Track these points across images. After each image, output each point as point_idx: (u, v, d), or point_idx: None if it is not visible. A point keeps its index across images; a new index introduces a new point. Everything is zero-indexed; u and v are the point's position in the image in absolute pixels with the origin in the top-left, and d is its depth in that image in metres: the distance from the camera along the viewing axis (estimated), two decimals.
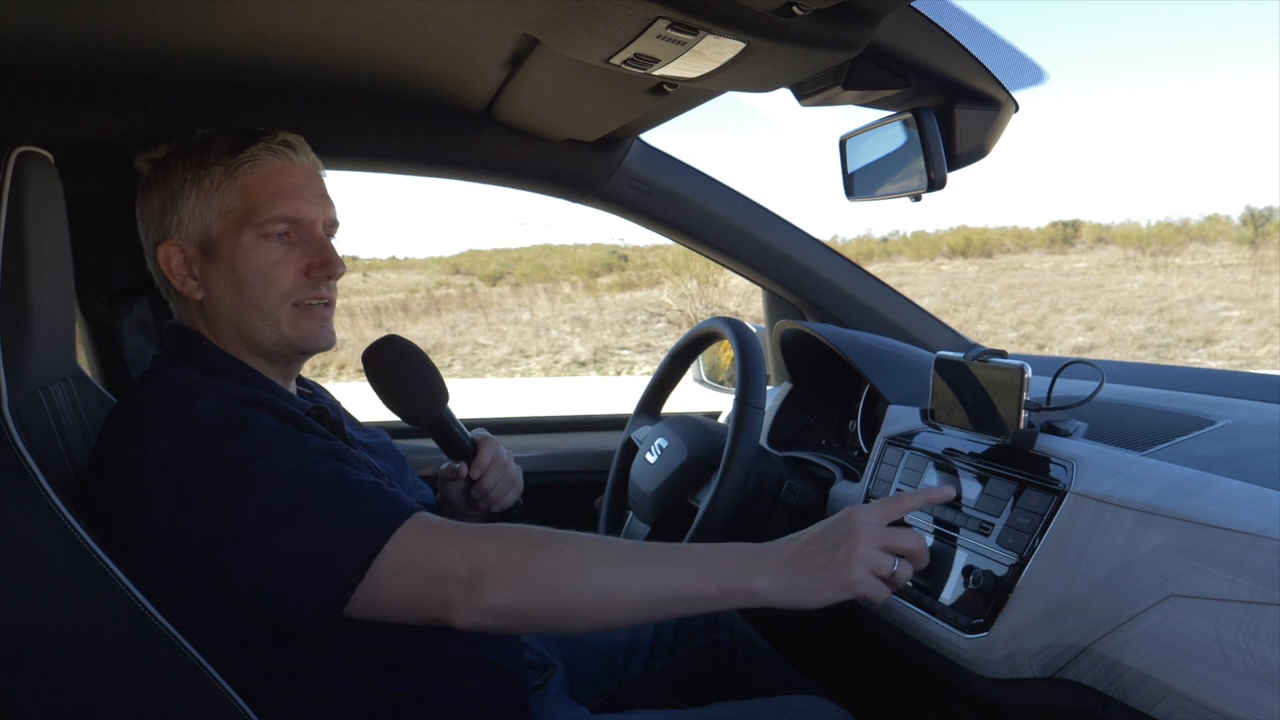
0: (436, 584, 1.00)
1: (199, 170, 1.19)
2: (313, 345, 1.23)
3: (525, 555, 1.02)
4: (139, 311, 1.85)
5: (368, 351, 1.31)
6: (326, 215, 1.23)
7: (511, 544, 1.03)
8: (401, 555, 1.00)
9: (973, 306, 15.97)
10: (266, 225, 1.17)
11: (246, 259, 1.18)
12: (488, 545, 1.02)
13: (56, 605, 1.00)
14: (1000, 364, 1.27)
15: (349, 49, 1.44)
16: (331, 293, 1.24)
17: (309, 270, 1.20)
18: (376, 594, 1.00)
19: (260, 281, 1.18)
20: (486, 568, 1.00)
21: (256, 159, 1.18)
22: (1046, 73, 1.28)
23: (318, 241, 1.21)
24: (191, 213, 1.19)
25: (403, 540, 1.01)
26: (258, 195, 1.18)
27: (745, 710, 1.37)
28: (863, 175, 1.57)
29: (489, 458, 1.35)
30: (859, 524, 1.05)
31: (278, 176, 1.19)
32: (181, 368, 1.17)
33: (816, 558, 1.03)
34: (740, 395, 1.50)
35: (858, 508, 1.08)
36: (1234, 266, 17.07)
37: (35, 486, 0.99)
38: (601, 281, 20.91)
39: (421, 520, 1.03)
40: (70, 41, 1.35)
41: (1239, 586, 0.94)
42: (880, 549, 1.04)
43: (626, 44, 1.05)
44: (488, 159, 1.87)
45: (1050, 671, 1.13)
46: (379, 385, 1.30)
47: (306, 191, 1.21)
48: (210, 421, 1.05)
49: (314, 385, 1.42)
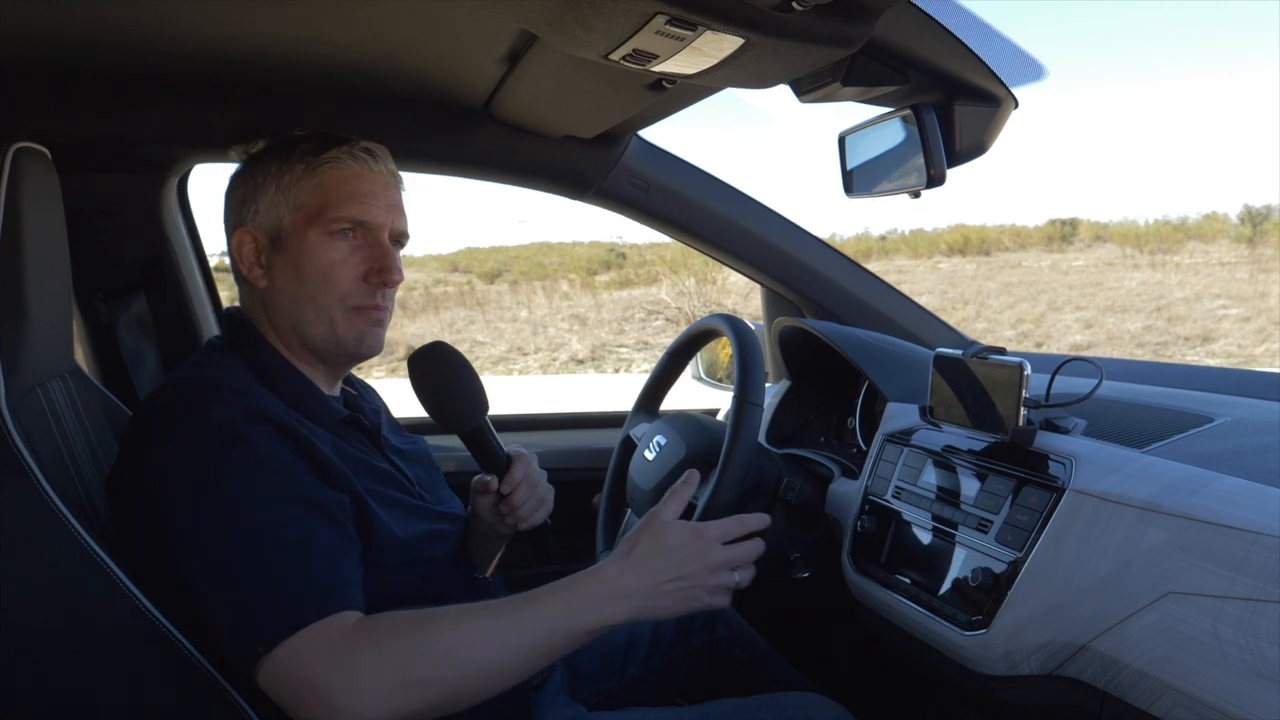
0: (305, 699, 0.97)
1: (282, 166, 1.23)
2: (361, 348, 1.25)
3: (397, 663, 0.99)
4: (136, 308, 1.85)
5: (414, 356, 1.32)
6: (395, 225, 1.26)
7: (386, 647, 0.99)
8: (292, 654, 0.98)
9: (970, 305, 15.99)
10: (334, 224, 1.21)
11: (311, 254, 1.21)
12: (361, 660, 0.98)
13: (53, 601, 1.00)
14: (999, 361, 1.27)
15: (347, 45, 1.44)
16: (387, 301, 1.26)
17: (368, 275, 1.22)
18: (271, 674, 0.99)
19: (320, 278, 1.21)
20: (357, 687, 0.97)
21: (337, 161, 1.23)
22: (1046, 69, 1.28)
23: (381, 248, 1.24)
24: (269, 204, 1.23)
25: (303, 640, 0.98)
26: (331, 195, 1.21)
27: (744, 707, 1.37)
28: (862, 172, 1.56)
29: (520, 474, 1.34)
30: (703, 546, 1.12)
31: (354, 180, 1.23)
32: (229, 356, 1.21)
33: (666, 585, 1.09)
34: (739, 392, 1.49)
35: (696, 526, 1.14)
36: (1232, 265, 17.10)
37: (32, 483, 0.99)
38: (599, 279, 20.92)
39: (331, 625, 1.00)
40: (68, 38, 1.34)
41: (1239, 584, 0.93)
42: (723, 566, 1.12)
43: (625, 40, 1.05)
44: (486, 156, 1.86)
45: (1049, 669, 1.13)
46: (421, 389, 1.31)
47: (379, 199, 1.24)
48: (219, 434, 1.06)
49: (362, 387, 1.44)
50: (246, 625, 1.00)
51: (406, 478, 1.29)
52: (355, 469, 1.17)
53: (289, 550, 1.03)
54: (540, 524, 1.38)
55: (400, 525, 1.19)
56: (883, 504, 1.46)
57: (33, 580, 1.00)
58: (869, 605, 1.47)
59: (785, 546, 1.61)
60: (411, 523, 1.22)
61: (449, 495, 1.40)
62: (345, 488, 1.13)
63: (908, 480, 1.43)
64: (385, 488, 1.22)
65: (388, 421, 1.40)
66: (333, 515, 1.09)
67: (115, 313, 1.83)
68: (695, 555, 1.11)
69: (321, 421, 1.19)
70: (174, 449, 1.06)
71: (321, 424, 1.19)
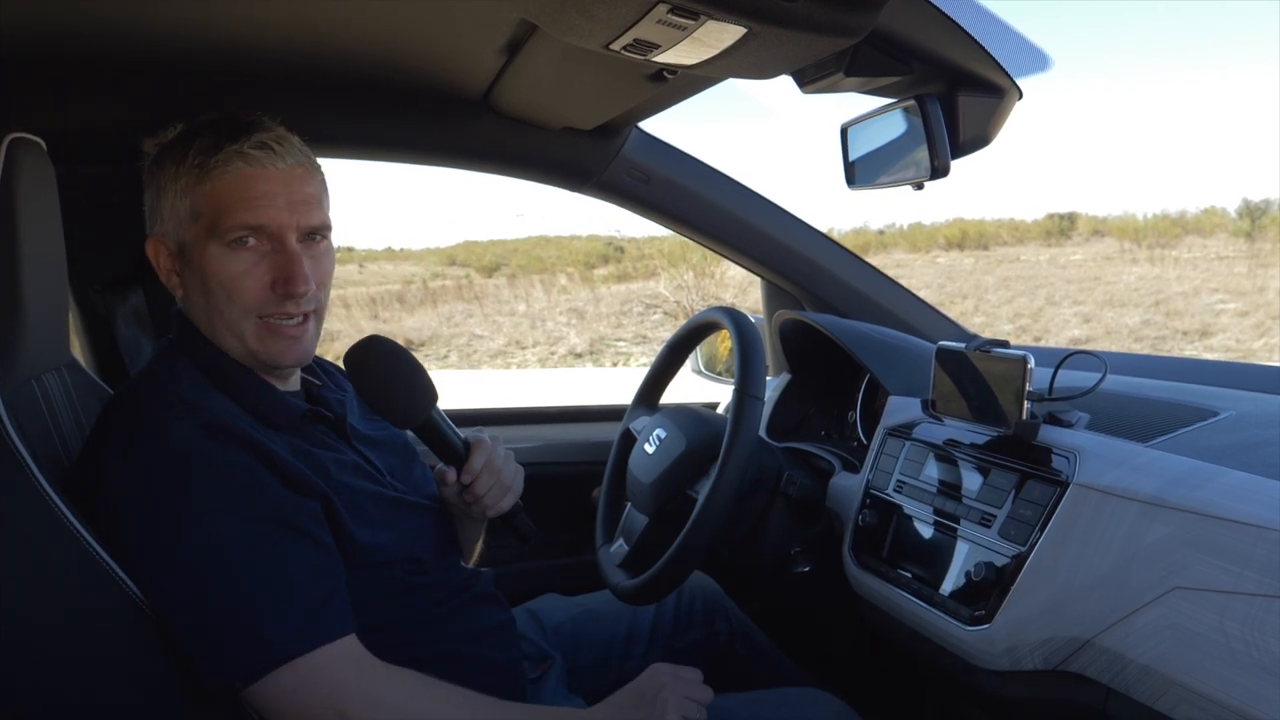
0: None
1: (177, 170, 1.14)
2: (279, 361, 1.18)
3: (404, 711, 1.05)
4: (133, 301, 1.84)
5: (349, 354, 1.26)
6: (303, 221, 1.15)
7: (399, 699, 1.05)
8: (297, 676, 1.01)
9: (969, 299, 15.99)
10: (229, 234, 1.12)
11: (213, 268, 1.13)
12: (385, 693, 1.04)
13: (48, 594, 0.99)
14: (1002, 354, 1.26)
15: (345, 35, 1.43)
16: (303, 307, 1.17)
17: (274, 284, 1.14)
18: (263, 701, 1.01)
19: (224, 293, 1.13)
20: None
21: (227, 164, 1.12)
22: (1051, 59, 1.27)
23: (286, 253, 1.14)
24: (170, 213, 1.15)
25: (306, 664, 1.01)
26: (224, 202, 1.12)
27: (743, 702, 1.36)
28: (864, 163, 1.55)
29: (480, 463, 1.30)
30: (666, 680, 1.19)
31: (247, 183, 1.12)
32: (181, 364, 1.16)
33: (637, 710, 1.17)
34: (739, 385, 1.48)
35: (662, 666, 1.23)
36: (1230, 259, 17.11)
37: (27, 475, 0.98)
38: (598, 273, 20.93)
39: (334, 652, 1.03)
40: (64, 28, 1.33)
41: (1245, 579, 0.93)
42: (684, 697, 1.19)
43: (626, 29, 1.04)
44: (485, 147, 1.85)
45: (1052, 664, 1.13)
46: (361, 388, 1.26)
47: (278, 198, 1.13)
48: (176, 454, 1.04)
49: (329, 373, 1.38)
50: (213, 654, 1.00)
51: (376, 468, 1.26)
52: (321, 467, 1.15)
53: (265, 576, 1.03)
54: (510, 509, 1.35)
55: (370, 522, 1.17)
56: (884, 498, 1.45)
57: (27, 573, 0.99)
58: (870, 600, 1.46)
59: (786, 541, 1.60)
60: (384, 516, 1.20)
61: (425, 478, 1.37)
62: (313, 493, 1.10)
63: (909, 474, 1.42)
64: (355, 479, 1.19)
65: (357, 409, 1.35)
66: (305, 531, 1.08)
67: (112, 305, 1.82)
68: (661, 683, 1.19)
69: (281, 422, 1.16)
70: (131, 472, 1.03)
71: (281, 425, 1.16)
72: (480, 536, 1.46)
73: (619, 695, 1.20)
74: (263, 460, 1.07)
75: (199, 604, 1.01)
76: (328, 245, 1.21)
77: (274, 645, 1.01)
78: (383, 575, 1.16)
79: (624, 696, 1.20)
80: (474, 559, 1.47)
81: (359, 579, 1.11)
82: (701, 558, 1.42)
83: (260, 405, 1.16)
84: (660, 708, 1.16)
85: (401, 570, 1.19)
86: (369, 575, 1.14)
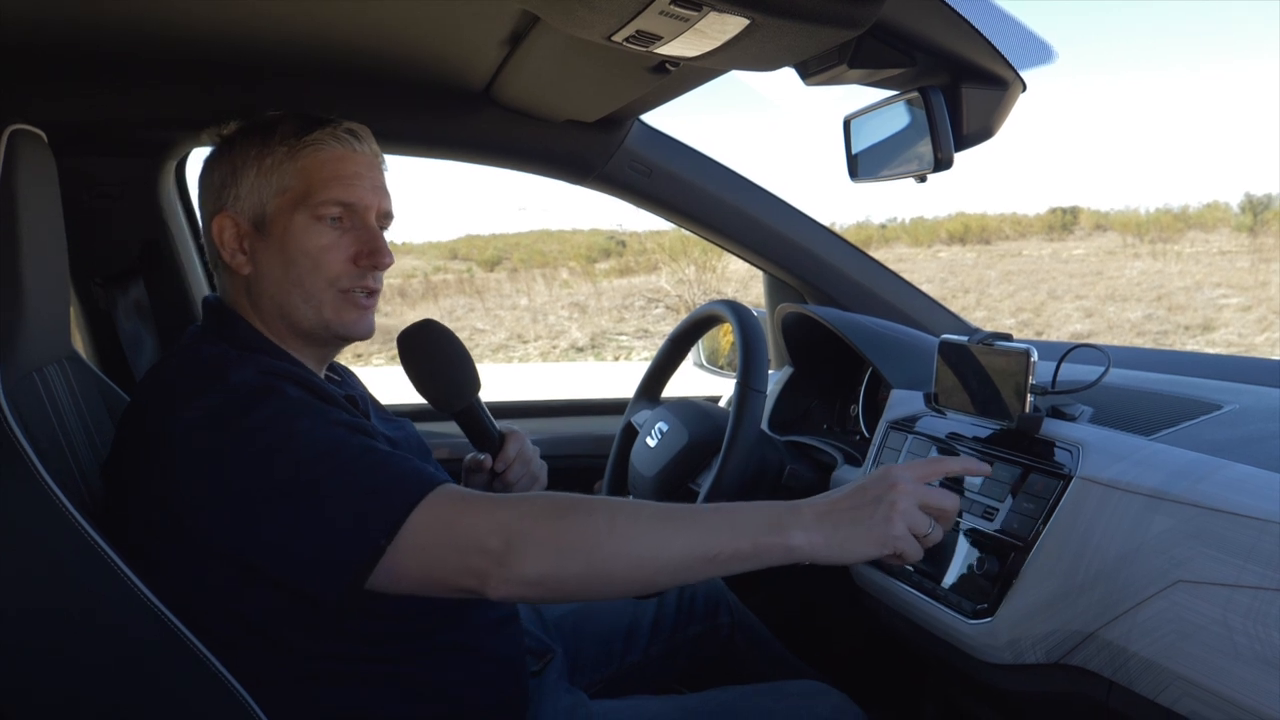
0: (466, 555, 0.99)
1: (262, 149, 1.20)
2: (351, 333, 1.23)
3: (556, 523, 1.00)
4: (134, 294, 1.84)
5: (403, 334, 1.31)
6: (381, 205, 1.24)
7: (542, 513, 1.01)
8: (429, 525, 0.99)
9: (971, 293, 15.97)
10: (321, 208, 1.18)
11: (298, 239, 1.18)
12: (517, 514, 1.00)
13: (49, 589, 0.99)
14: (1005, 348, 1.25)
15: (347, 28, 1.42)
16: (377, 283, 1.24)
17: (357, 258, 1.21)
18: (401, 564, 0.99)
19: (309, 263, 1.19)
20: (517, 538, 0.98)
21: (320, 143, 1.20)
22: (1055, 51, 1.26)
23: (369, 230, 1.22)
24: (250, 188, 1.20)
25: (430, 509, 1.00)
26: (316, 178, 1.19)
27: (744, 695, 1.36)
28: (867, 156, 1.55)
29: (514, 452, 1.35)
30: (899, 480, 1.03)
31: (338, 162, 1.20)
32: (216, 344, 1.17)
33: (855, 512, 1.01)
34: (742, 378, 1.48)
35: (896, 466, 1.07)
36: (1232, 253, 17.08)
37: (29, 468, 0.98)
38: (599, 267, 20.91)
39: (449, 491, 1.03)
40: (66, 20, 1.33)
41: (1248, 572, 0.93)
42: (918, 507, 1.03)
43: (628, 20, 1.03)
44: (486, 140, 1.85)
45: (1055, 657, 1.12)
46: (411, 369, 1.30)
47: (365, 180, 1.22)
48: (245, 390, 1.05)
49: (345, 372, 1.42)
50: (346, 535, 0.99)
51: None
52: None
53: (358, 457, 1.03)
54: None
55: None
56: None
57: (29, 568, 0.99)
58: (872, 593, 1.46)
59: None
60: None
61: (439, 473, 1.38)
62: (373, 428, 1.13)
63: None
64: None
65: (373, 407, 1.38)
66: (379, 439, 1.10)
67: (113, 298, 1.82)
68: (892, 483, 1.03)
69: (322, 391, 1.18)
70: (201, 413, 1.03)
71: None
72: None
73: (839, 490, 1.06)
74: (324, 397, 1.12)
75: (307, 503, 1.00)
76: None
77: (397, 504, 0.99)
78: None
79: (845, 493, 1.05)
80: None
81: None
82: None
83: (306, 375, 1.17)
84: (885, 513, 1.01)
85: None
86: None
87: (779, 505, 1.04)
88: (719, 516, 1.02)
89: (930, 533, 1.03)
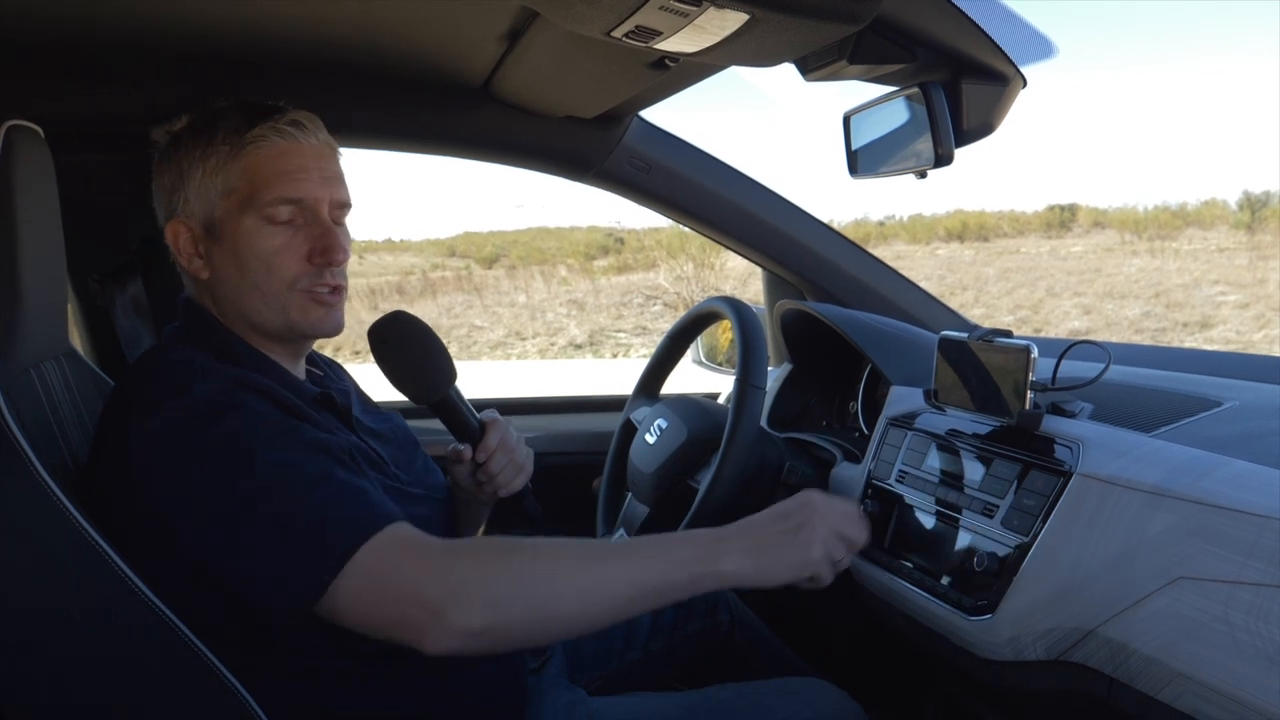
0: (402, 606, 0.97)
1: (205, 149, 1.15)
2: (318, 331, 1.20)
3: (496, 572, 1.00)
4: (132, 290, 1.83)
5: (374, 327, 1.28)
6: (334, 196, 1.18)
7: (481, 561, 1.01)
8: (365, 572, 0.98)
9: (969, 290, 15.98)
10: (268, 208, 1.13)
11: (249, 242, 1.14)
12: (457, 564, 1.00)
13: (47, 585, 0.99)
14: (1005, 344, 1.25)
15: (345, 23, 1.42)
16: (339, 279, 1.19)
17: (311, 255, 1.16)
18: (337, 606, 0.98)
19: (263, 267, 1.15)
20: (457, 589, 0.97)
21: (262, 139, 1.14)
22: (1056, 46, 1.26)
23: (321, 226, 1.17)
24: (197, 192, 1.15)
25: (369, 555, 0.98)
26: (260, 176, 1.13)
27: (744, 692, 1.36)
28: (866, 152, 1.54)
29: (495, 441, 1.32)
30: (818, 509, 1.10)
31: (282, 158, 1.15)
32: (189, 347, 1.15)
33: (778, 538, 1.07)
34: (741, 375, 1.48)
35: (816, 494, 1.13)
36: (1230, 251, 17.10)
37: (25, 464, 0.97)
38: (597, 264, 20.92)
39: (393, 536, 1.01)
40: (63, 16, 1.33)
41: (1249, 569, 0.92)
42: (835, 535, 1.10)
43: (627, 16, 1.03)
44: (485, 136, 1.85)
45: (1055, 654, 1.12)
46: (384, 362, 1.27)
47: (312, 172, 1.16)
48: (207, 403, 1.03)
49: (329, 365, 1.39)
50: (287, 567, 0.98)
51: (381, 458, 1.26)
52: None
53: (315, 486, 1.01)
54: (521, 490, 1.36)
55: None
56: (886, 488, 1.44)
57: (26, 564, 0.98)
58: (872, 590, 1.46)
59: None
60: None
61: (426, 468, 1.37)
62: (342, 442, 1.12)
63: (911, 464, 1.42)
64: (363, 466, 1.19)
65: (359, 401, 1.36)
66: (341, 460, 1.08)
67: (111, 295, 1.82)
68: (812, 512, 1.09)
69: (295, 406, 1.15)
70: (160, 426, 1.02)
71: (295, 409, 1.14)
72: (485, 518, 1.46)
73: (762, 515, 1.11)
74: (291, 411, 1.09)
75: (256, 530, 0.99)
76: (346, 226, 1.23)
77: (336, 548, 0.98)
78: None
79: (768, 519, 1.11)
80: None
81: None
82: None
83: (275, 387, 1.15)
84: (805, 539, 1.07)
85: None
86: None
87: (707, 535, 1.08)
88: (654, 550, 1.06)
89: (842, 559, 1.11)
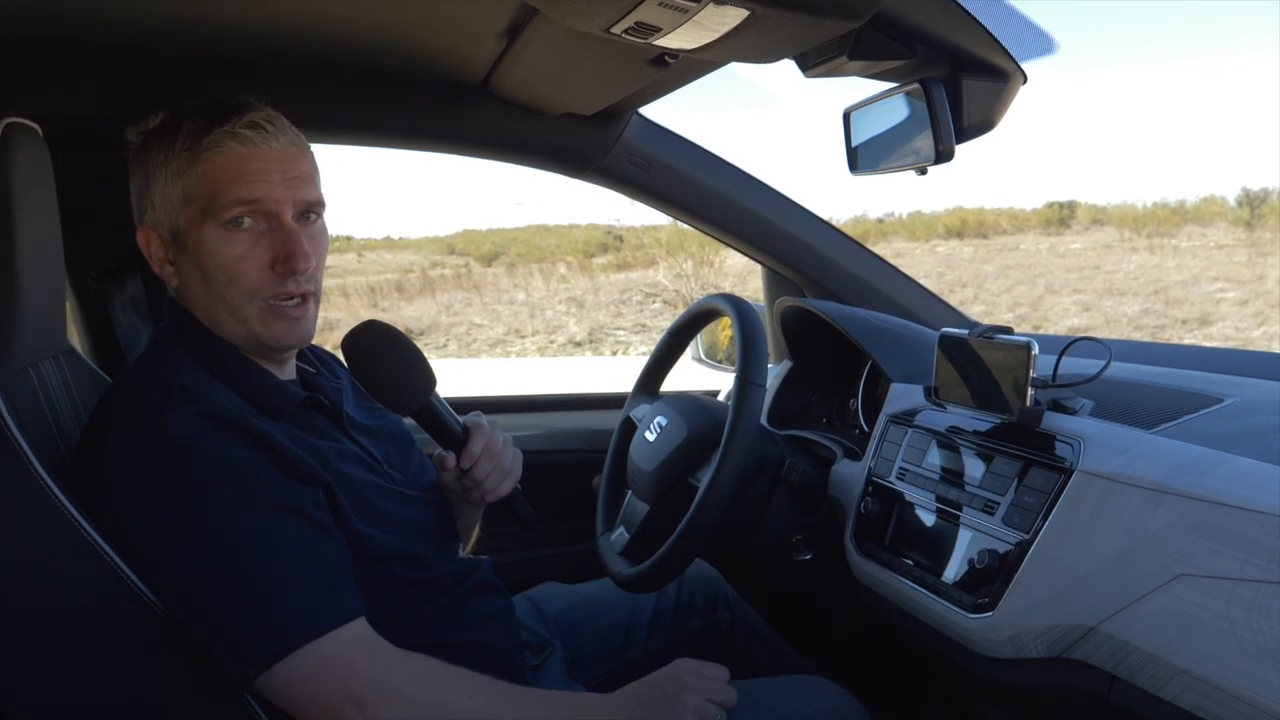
0: (335, 703, 1.01)
1: (166, 154, 1.12)
2: (281, 344, 1.17)
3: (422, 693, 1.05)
4: (131, 289, 1.83)
5: (346, 339, 1.24)
6: (299, 196, 1.13)
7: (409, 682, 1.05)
8: (312, 665, 1.00)
9: (969, 287, 15.98)
10: (225, 212, 1.10)
11: (210, 252, 1.11)
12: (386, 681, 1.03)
13: (46, 582, 0.99)
14: (1006, 341, 1.25)
15: (344, 20, 1.42)
16: (304, 287, 1.15)
17: (274, 264, 1.12)
18: (270, 690, 1.01)
19: (224, 277, 1.12)
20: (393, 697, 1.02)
21: (218, 145, 1.10)
22: (1057, 42, 1.26)
23: (284, 231, 1.12)
24: (161, 199, 1.13)
25: (304, 658, 1.00)
26: (217, 183, 1.10)
27: (744, 690, 1.35)
28: (867, 148, 1.54)
29: (479, 447, 1.29)
30: (689, 681, 1.16)
31: (241, 162, 1.10)
32: (179, 351, 1.15)
33: (655, 705, 1.14)
34: (741, 372, 1.48)
35: (688, 664, 1.20)
36: (1230, 248, 17.10)
37: (24, 463, 0.97)
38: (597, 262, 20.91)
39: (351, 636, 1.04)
40: (60, 13, 1.32)
41: (1250, 565, 0.92)
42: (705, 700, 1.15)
43: (627, 12, 1.02)
44: (484, 133, 1.84)
45: (1056, 652, 1.12)
46: (359, 374, 1.25)
47: (273, 174, 1.11)
48: (178, 443, 1.03)
49: (323, 360, 1.37)
50: (226, 644, 1.00)
51: (374, 457, 1.25)
52: (321, 456, 1.13)
53: (272, 563, 1.02)
54: (510, 494, 1.35)
55: (370, 512, 1.16)
56: (886, 485, 1.44)
57: (25, 562, 0.98)
58: (872, 588, 1.45)
59: (787, 529, 1.60)
60: (383, 506, 1.19)
61: (422, 465, 1.36)
62: (315, 480, 1.10)
63: (912, 461, 1.42)
64: (354, 469, 1.19)
65: (353, 396, 1.34)
66: (310, 517, 1.07)
67: (109, 293, 1.81)
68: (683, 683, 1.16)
69: (279, 410, 1.14)
70: (132, 464, 1.02)
71: (279, 413, 1.14)
72: (477, 522, 1.45)
73: (636, 686, 1.17)
74: (263, 449, 1.06)
75: (207, 595, 1.00)
76: (322, 225, 1.20)
77: (284, 632, 1.00)
78: (382, 572, 1.16)
79: (642, 689, 1.17)
80: (470, 545, 1.47)
81: (359, 574, 1.10)
82: (703, 546, 1.41)
83: (258, 393, 1.15)
84: (680, 709, 1.13)
85: (400, 567, 1.19)
86: (368, 571, 1.13)
87: (600, 700, 1.17)
88: (563, 708, 1.16)
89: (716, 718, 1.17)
